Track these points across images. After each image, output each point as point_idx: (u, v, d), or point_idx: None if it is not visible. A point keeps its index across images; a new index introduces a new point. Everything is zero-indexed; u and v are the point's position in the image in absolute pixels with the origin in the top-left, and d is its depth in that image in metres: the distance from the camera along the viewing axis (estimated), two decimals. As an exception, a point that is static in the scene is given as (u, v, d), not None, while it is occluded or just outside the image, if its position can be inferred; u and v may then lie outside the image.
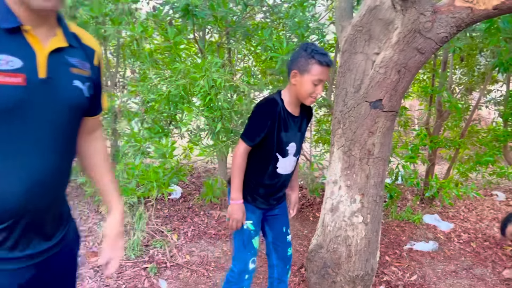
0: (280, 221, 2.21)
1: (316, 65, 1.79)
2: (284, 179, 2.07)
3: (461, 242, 3.61)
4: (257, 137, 1.90)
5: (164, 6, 3.47)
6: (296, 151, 2.05)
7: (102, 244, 1.36)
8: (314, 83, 1.81)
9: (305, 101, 1.88)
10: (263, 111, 1.90)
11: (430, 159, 4.38)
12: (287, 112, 1.92)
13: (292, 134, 1.97)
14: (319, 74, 1.80)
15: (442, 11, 2.20)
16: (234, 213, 1.96)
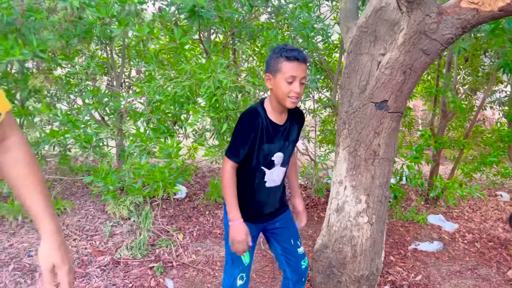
0: (286, 234, 2.11)
1: (285, 61, 1.71)
2: (275, 191, 1.99)
3: (466, 243, 3.61)
4: (241, 151, 1.82)
5: (170, 7, 3.50)
6: (284, 161, 1.95)
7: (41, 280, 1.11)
8: (288, 81, 1.72)
9: (285, 103, 1.77)
10: (243, 124, 1.81)
11: (435, 159, 4.39)
12: (270, 121, 1.83)
13: (277, 144, 1.88)
14: (290, 70, 1.71)
15: (448, 12, 2.21)
16: (237, 235, 1.83)
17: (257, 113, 1.81)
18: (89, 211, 3.76)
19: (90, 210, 3.79)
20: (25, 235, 3.31)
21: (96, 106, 3.66)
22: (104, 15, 2.92)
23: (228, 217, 1.86)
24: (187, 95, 2.99)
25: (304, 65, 1.74)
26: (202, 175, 5.11)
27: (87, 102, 3.89)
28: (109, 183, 3.16)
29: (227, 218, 1.89)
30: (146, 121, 3.63)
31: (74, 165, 4.30)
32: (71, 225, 3.50)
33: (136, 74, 4.53)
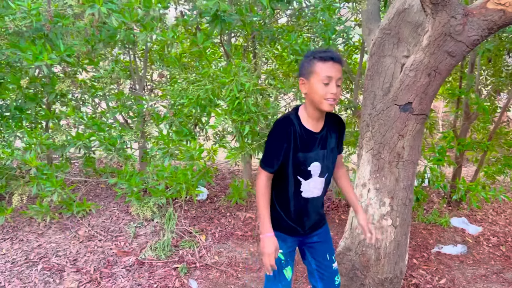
0: (323, 249, 2.02)
1: (319, 62, 1.65)
2: (315, 203, 1.89)
3: (490, 246, 3.56)
4: (275, 162, 1.75)
5: (192, 12, 3.55)
6: (323, 171, 1.83)
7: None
8: (324, 82, 1.64)
9: (322, 106, 1.68)
10: (276, 133, 1.73)
11: (457, 161, 4.33)
12: (304, 129, 1.75)
13: (314, 153, 1.78)
14: (325, 70, 1.64)
15: (474, 14, 2.19)
16: (266, 248, 1.75)
17: (289, 121, 1.73)
18: (113, 212, 3.83)
19: (114, 211, 3.86)
20: (53, 235, 3.40)
21: (120, 109, 3.73)
22: (129, 20, 2.98)
23: (260, 229, 1.79)
24: (210, 98, 3.03)
25: (339, 65, 1.67)
26: (222, 176, 5.15)
27: (111, 106, 3.97)
28: (133, 185, 3.22)
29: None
30: (168, 124, 3.69)
31: (98, 167, 4.38)
32: (96, 226, 3.57)
33: (158, 78, 4.60)
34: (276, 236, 1.81)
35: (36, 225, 3.53)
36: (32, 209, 3.31)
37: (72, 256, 3.09)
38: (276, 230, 1.84)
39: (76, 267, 2.94)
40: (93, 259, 3.06)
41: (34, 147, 3.26)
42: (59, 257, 3.07)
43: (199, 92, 2.99)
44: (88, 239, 3.34)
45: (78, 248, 3.20)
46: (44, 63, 3.06)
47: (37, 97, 3.69)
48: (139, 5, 2.88)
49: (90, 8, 2.71)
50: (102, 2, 2.70)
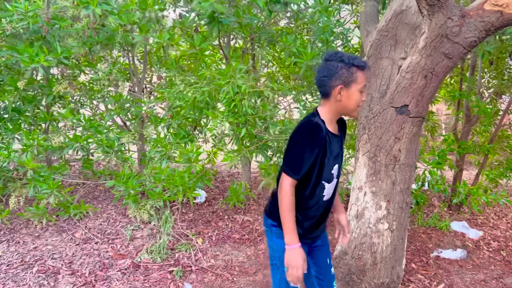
0: (324, 253, 2.00)
1: (359, 72, 1.67)
2: (329, 205, 1.89)
3: (491, 250, 3.51)
4: (304, 169, 1.69)
5: (190, 14, 3.54)
6: (339, 172, 1.86)
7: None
8: (361, 91, 1.68)
9: (353, 113, 1.73)
10: (308, 138, 1.67)
11: (458, 165, 4.29)
12: (330, 133, 1.74)
13: (335, 156, 1.79)
14: (363, 80, 1.69)
15: (471, 15, 2.17)
16: (294, 260, 1.67)
17: (320, 127, 1.68)
18: (110, 215, 3.82)
19: (112, 213, 3.85)
20: (50, 237, 3.39)
21: (118, 111, 3.73)
22: (126, 22, 2.98)
23: (285, 240, 1.69)
24: (207, 101, 3.01)
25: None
26: (221, 179, 5.12)
27: (110, 108, 3.96)
28: (130, 187, 3.21)
29: (281, 242, 1.73)
30: (166, 126, 3.67)
31: (96, 169, 4.38)
32: (93, 228, 3.56)
33: (157, 80, 4.59)
34: None
35: (33, 228, 3.52)
36: (29, 211, 3.30)
37: (67, 259, 3.07)
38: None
39: (71, 270, 2.93)
40: (89, 261, 3.05)
41: (31, 149, 3.26)
42: (55, 259, 3.06)
43: (196, 94, 2.98)
44: (85, 242, 3.33)
45: (74, 251, 3.19)
46: (40, 64, 3.05)
47: (35, 99, 3.69)
48: (135, 7, 2.87)
49: (84, 9, 2.70)
50: (96, 3, 2.69)
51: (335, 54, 1.70)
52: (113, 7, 3.01)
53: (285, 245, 1.70)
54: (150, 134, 3.86)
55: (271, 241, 1.86)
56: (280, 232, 1.76)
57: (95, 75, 3.91)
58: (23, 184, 3.48)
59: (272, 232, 1.85)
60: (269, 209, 1.88)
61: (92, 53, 3.57)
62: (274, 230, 1.84)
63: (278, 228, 1.80)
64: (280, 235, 1.77)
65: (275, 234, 1.83)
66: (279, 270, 1.82)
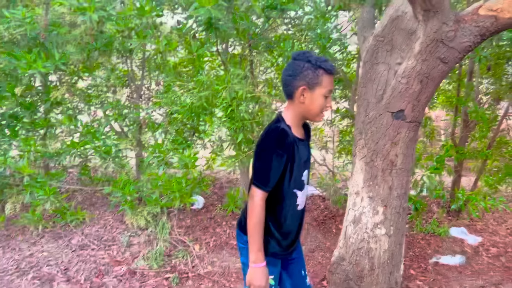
0: (298, 265, 1.93)
1: (326, 75, 1.59)
2: (303, 214, 1.82)
3: (490, 256, 3.49)
4: (273, 179, 1.60)
5: (188, 20, 3.55)
6: (308, 178, 1.80)
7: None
8: (325, 96, 1.61)
9: (316, 118, 1.65)
10: (276, 146, 1.58)
11: (456, 170, 4.28)
12: (297, 139, 1.66)
13: (304, 161, 1.72)
14: (329, 84, 1.60)
15: (466, 20, 2.17)
16: (257, 280, 1.60)
17: (286, 133, 1.60)
18: (108, 221, 3.81)
19: (109, 220, 3.83)
20: (46, 244, 3.37)
21: (115, 117, 3.72)
22: (123, 28, 2.98)
23: (251, 258, 1.60)
24: (204, 106, 3.01)
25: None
26: (220, 185, 5.11)
27: (108, 114, 3.96)
28: (127, 194, 3.20)
29: (247, 259, 1.67)
30: (164, 132, 3.67)
31: (93, 175, 4.37)
32: (90, 234, 3.55)
33: (155, 86, 4.60)
34: (267, 262, 1.69)
35: (29, 234, 3.50)
36: (25, 217, 3.28)
37: (63, 265, 3.05)
38: (268, 256, 1.71)
39: (67, 277, 2.91)
40: (85, 268, 3.03)
41: (28, 155, 3.25)
42: (51, 266, 3.04)
43: (193, 100, 2.98)
44: (81, 248, 3.31)
45: (70, 257, 3.17)
46: (37, 71, 3.05)
47: (33, 106, 3.69)
48: (133, 13, 2.88)
49: (81, 15, 2.71)
50: (93, 10, 2.70)
51: (303, 53, 1.63)
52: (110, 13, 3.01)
53: (250, 262, 1.61)
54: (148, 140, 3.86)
55: (244, 257, 1.76)
56: None
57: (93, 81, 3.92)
58: (19, 190, 3.47)
59: (246, 248, 1.73)
60: (242, 223, 1.76)
61: (90, 59, 3.57)
62: (241, 247, 1.78)
63: (245, 244, 1.73)
64: None
65: (245, 250, 1.74)
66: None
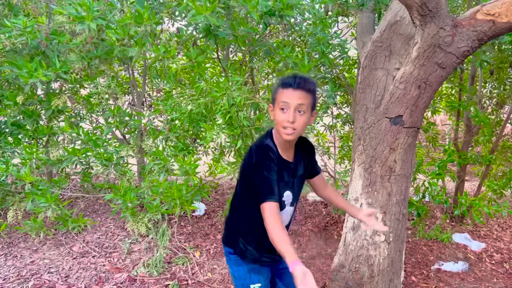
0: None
1: (280, 89, 1.58)
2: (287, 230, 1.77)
3: (493, 263, 3.44)
4: (273, 185, 1.54)
5: (188, 27, 3.57)
6: (293, 200, 1.76)
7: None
8: (281, 108, 1.55)
9: (282, 135, 1.58)
10: (263, 158, 1.57)
11: (459, 175, 4.24)
12: (281, 159, 1.65)
13: (285, 182, 1.69)
14: (283, 97, 1.55)
15: (463, 25, 2.16)
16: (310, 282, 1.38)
17: (270, 148, 1.60)
18: (109, 228, 3.81)
19: (110, 227, 3.84)
20: (47, 251, 3.38)
21: (116, 124, 3.74)
22: (123, 36, 3.00)
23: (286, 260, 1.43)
24: (203, 113, 3.01)
25: (302, 92, 1.55)
26: (222, 192, 5.10)
27: (109, 121, 3.98)
28: (128, 201, 3.20)
29: (241, 269, 1.74)
30: (164, 139, 3.68)
31: (95, 182, 4.38)
32: (91, 242, 3.55)
33: (156, 93, 4.62)
34: (250, 269, 1.77)
35: (31, 241, 3.51)
36: (26, 224, 3.30)
37: (64, 273, 3.06)
38: (249, 263, 1.77)
39: (67, 284, 2.91)
40: (85, 275, 3.03)
41: (30, 163, 3.27)
42: (51, 273, 3.05)
43: (192, 107, 2.98)
44: (82, 255, 3.32)
45: (71, 265, 3.18)
46: (38, 79, 3.08)
47: (35, 114, 3.71)
48: (131, 21, 2.90)
49: (80, 24, 2.73)
50: (91, 18, 2.72)
51: (282, 76, 1.66)
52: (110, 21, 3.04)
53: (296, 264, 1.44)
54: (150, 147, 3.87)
55: (232, 269, 1.83)
56: (238, 260, 1.77)
57: (94, 89, 3.95)
58: (21, 197, 3.48)
59: (231, 260, 1.81)
60: (225, 236, 1.83)
61: (91, 67, 3.60)
62: (233, 258, 1.80)
63: (235, 256, 1.78)
64: (238, 263, 1.77)
65: (234, 262, 1.80)
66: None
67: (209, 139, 2.96)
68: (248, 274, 1.78)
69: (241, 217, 1.76)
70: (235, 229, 1.79)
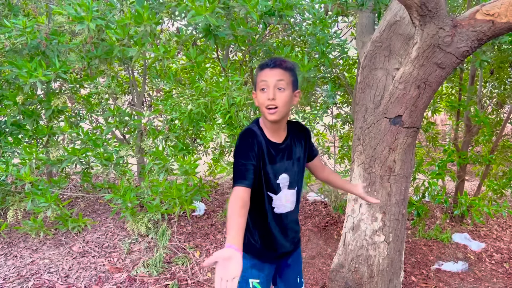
0: (294, 271, 1.92)
1: (258, 71, 1.63)
2: (290, 218, 1.79)
3: (493, 263, 3.44)
4: (247, 173, 1.54)
5: (188, 27, 3.57)
6: (292, 183, 1.74)
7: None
8: (261, 89, 1.59)
9: (265, 115, 1.61)
10: (241, 143, 1.60)
11: (459, 175, 4.24)
12: (268, 141, 1.66)
13: (280, 165, 1.69)
14: (261, 77, 1.59)
15: (462, 25, 2.16)
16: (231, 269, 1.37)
17: (253, 133, 1.63)
18: (109, 228, 3.81)
19: (110, 227, 3.84)
20: (47, 251, 3.38)
21: (115, 124, 3.74)
22: (122, 36, 3.00)
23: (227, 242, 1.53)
24: (202, 113, 3.01)
25: (278, 70, 1.57)
26: (222, 192, 5.10)
27: (109, 121, 3.98)
28: (128, 200, 3.20)
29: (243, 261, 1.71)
30: (164, 138, 3.68)
31: (95, 182, 4.38)
32: (91, 241, 3.55)
33: (156, 93, 4.62)
34: (253, 264, 1.74)
35: (31, 241, 3.52)
36: (26, 224, 3.30)
37: (64, 273, 3.06)
38: (253, 257, 1.76)
39: (67, 284, 2.91)
40: (85, 275, 3.03)
41: (30, 163, 3.27)
42: (51, 273, 3.05)
43: (192, 107, 2.98)
44: (82, 255, 3.32)
45: (71, 264, 3.18)
46: (38, 79, 3.08)
47: (35, 114, 3.72)
48: (131, 22, 2.90)
49: (79, 24, 2.73)
50: (91, 19, 2.72)
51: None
52: (110, 21, 3.04)
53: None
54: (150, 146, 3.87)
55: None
56: (242, 252, 1.72)
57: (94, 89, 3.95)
58: (21, 197, 3.49)
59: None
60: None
61: (91, 67, 3.60)
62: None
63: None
64: (242, 255, 1.71)
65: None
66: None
67: (209, 139, 2.96)
68: (250, 268, 1.78)
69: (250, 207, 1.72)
70: None
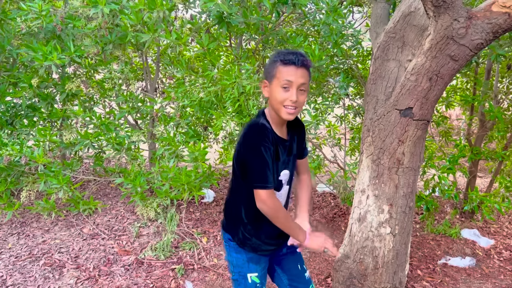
0: (293, 260, 1.91)
1: (281, 65, 1.53)
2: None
3: (502, 260, 3.41)
4: (269, 173, 1.52)
5: (201, 15, 3.57)
6: (290, 179, 1.74)
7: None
8: (283, 87, 1.52)
9: (280, 113, 1.55)
10: (260, 139, 1.54)
11: (471, 171, 4.19)
12: (276, 136, 1.62)
13: (282, 160, 1.67)
14: (285, 74, 1.52)
15: (478, 16, 2.12)
16: (313, 243, 1.68)
17: (267, 129, 1.57)
18: (119, 212, 3.88)
19: (121, 210, 3.91)
20: (59, 232, 3.46)
21: (128, 109, 3.78)
22: (136, 22, 3.02)
23: (301, 240, 1.67)
24: (213, 101, 3.03)
25: (304, 71, 1.54)
26: (232, 180, 5.14)
27: (121, 106, 4.02)
28: (138, 185, 3.25)
29: (240, 256, 1.76)
30: (175, 125, 3.71)
31: (107, 166, 4.45)
32: (101, 224, 3.62)
33: (169, 80, 4.64)
34: (249, 258, 1.76)
35: (43, 222, 3.60)
36: (38, 205, 3.37)
37: (74, 253, 3.13)
38: (251, 251, 1.76)
39: (77, 264, 2.98)
40: (94, 257, 3.10)
41: (43, 145, 3.33)
42: (62, 253, 3.12)
43: (202, 94, 3.00)
44: (92, 237, 3.39)
45: (81, 246, 3.25)
46: (53, 62, 3.13)
47: (49, 97, 3.78)
48: (144, 7, 2.91)
49: (93, 8, 2.75)
50: (105, 3, 2.74)
51: (277, 52, 1.61)
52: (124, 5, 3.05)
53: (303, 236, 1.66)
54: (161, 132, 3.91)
55: (230, 256, 1.80)
56: (237, 247, 1.75)
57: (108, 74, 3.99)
58: (35, 178, 3.56)
59: (230, 246, 1.78)
60: (225, 223, 1.81)
61: (105, 52, 3.63)
62: (232, 245, 1.78)
63: (234, 242, 1.76)
64: (238, 250, 1.75)
65: (233, 249, 1.78)
66: (241, 285, 1.78)
67: (219, 127, 2.97)
68: (246, 263, 1.78)
69: (240, 204, 1.72)
70: (235, 217, 1.75)
